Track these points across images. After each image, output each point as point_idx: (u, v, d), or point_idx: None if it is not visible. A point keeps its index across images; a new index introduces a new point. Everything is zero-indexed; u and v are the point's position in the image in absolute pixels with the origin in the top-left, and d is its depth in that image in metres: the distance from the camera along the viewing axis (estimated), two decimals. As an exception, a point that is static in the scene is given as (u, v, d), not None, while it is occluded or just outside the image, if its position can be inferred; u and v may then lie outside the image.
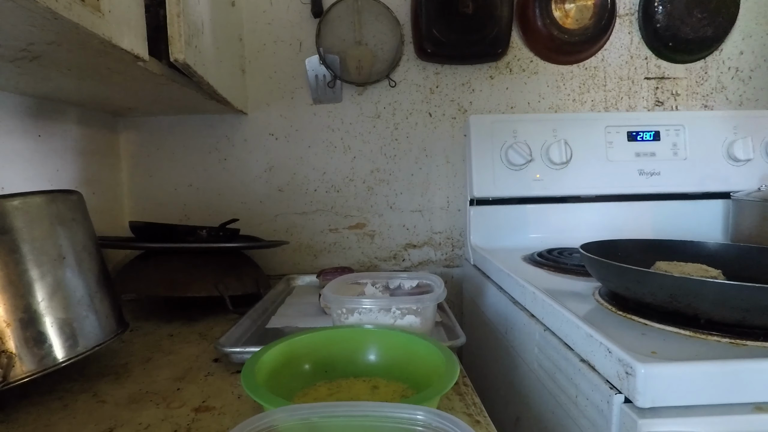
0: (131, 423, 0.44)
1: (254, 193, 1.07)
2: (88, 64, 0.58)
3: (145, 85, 0.72)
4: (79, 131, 0.89)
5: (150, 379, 0.54)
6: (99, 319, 0.52)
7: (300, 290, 0.92)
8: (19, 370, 0.44)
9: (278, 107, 1.06)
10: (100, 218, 0.93)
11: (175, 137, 1.05)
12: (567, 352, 0.51)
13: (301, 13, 1.03)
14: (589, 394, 0.46)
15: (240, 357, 0.57)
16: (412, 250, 1.10)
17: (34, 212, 0.48)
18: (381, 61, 1.04)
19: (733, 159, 0.96)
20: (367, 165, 1.07)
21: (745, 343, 0.44)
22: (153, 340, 0.67)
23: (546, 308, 0.58)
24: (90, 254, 0.53)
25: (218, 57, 0.80)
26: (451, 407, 0.46)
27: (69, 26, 0.44)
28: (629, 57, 1.08)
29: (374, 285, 0.64)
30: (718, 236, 0.97)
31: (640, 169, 0.97)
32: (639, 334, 0.47)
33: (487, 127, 0.97)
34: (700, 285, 0.45)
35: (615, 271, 0.53)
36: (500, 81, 1.07)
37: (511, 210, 0.97)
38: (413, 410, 0.30)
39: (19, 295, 0.45)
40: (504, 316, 0.73)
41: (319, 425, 0.31)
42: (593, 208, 0.98)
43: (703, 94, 1.10)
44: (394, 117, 1.07)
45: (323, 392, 0.46)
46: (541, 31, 1.00)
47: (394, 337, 0.50)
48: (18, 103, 0.74)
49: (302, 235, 1.08)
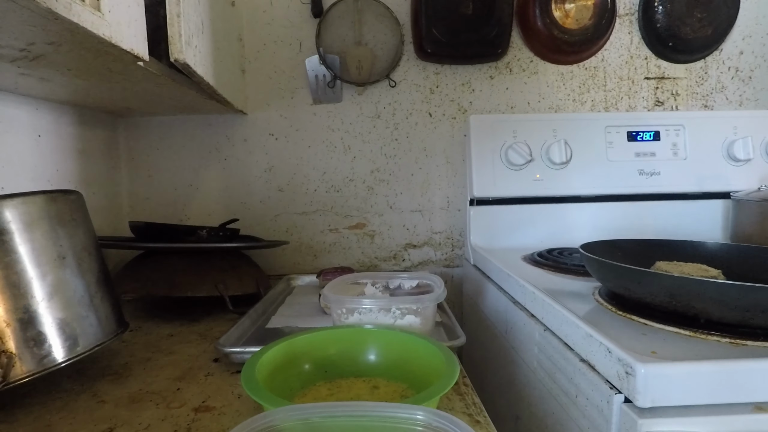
0: (131, 423, 0.44)
1: (254, 193, 1.07)
2: (88, 64, 0.58)
3: (145, 85, 0.72)
4: (79, 131, 0.89)
5: (150, 379, 0.54)
6: (99, 319, 0.52)
7: (300, 290, 0.92)
8: (19, 370, 0.44)
9: (278, 107, 1.06)
10: (100, 218, 0.93)
11: (175, 137, 1.05)
12: (567, 352, 0.51)
13: (301, 13, 1.03)
14: (589, 394, 0.46)
15: (240, 357, 0.57)
16: (412, 250, 1.10)
17: (34, 212, 0.48)
18: (381, 61, 1.04)
19: (733, 159, 0.96)
20: (367, 165, 1.07)
21: (745, 343, 0.44)
22: (153, 340, 0.67)
23: (546, 308, 0.58)
24: (90, 254, 0.53)
25: (218, 57, 0.80)
26: (451, 407, 0.46)
27: (69, 26, 0.44)
28: (629, 57, 1.08)
29: (374, 285, 0.64)
30: (718, 236, 0.97)
31: (640, 169, 0.97)
32: (639, 334, 0.47)
33: (487, 127, 0.97)
34: (700, 285, 0.45)
35: (615, 271, 0.53)
36: (500, 81, 1.07)
37: (511, 210, 0.97)
38: (413, 410, 0.30)
39: (19, 296, 0.45)
40: (504, 316, 0.73)
41: (319, 425, 0.31)
42: (593, 208, 0.98)
43: (703, 94, 1.10)
44: (394, 117, 1.07)
45: (323, 392, 0.46)
46: (541, 31, 1.00)
47: (394, 337, 0.50)
48: (18, 103, 0.74)
49: (302, 235, 1.08)
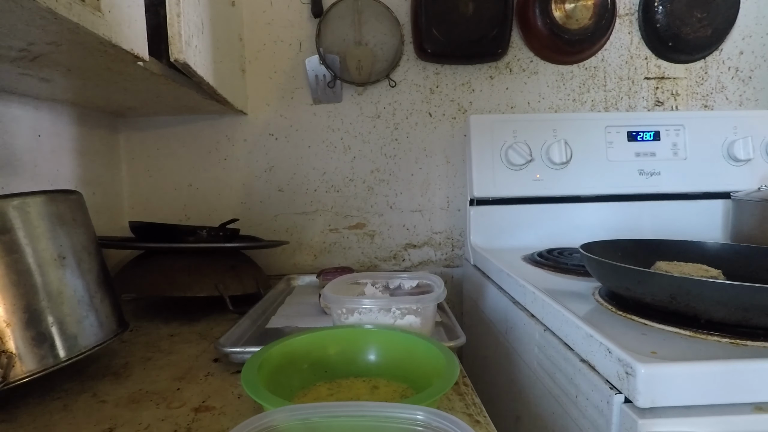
0: (131, 423, 0.44)
1: (254, 193, 1.07)
2: (88, 64, 0.58)
3: (145, 85, 0.72)
4: (79, 131, 0.89)
5: (150, 379, 0.54)
6: (99, 319, 0.52)
7: (300, 290, 0.92)
8: (19, 370, 0.44)
9: (278, 107, 1.06)
10: (100, 218, 0.93)
11: (175, 137, 1.05)
12: (567, 352, 0.51)
13: (301, 13, 1.03)
14: (589, 394, 0.46)
15: (240, 357, 0.57)
16: (412, 250, 1.10)
17: (34, 212, 0.48)
18: (381, 61, 1.04)
19: (733, 159, 0.96)
20: (367, 165, 1.07)
21: (745, 343, 0.44)
22: (153, 340, 0.67)
23: (546, 308, 0.58)
24: (90, 254, 0.53)
25: (218, 57, 0.80)
26: (451, 407, 0.46)
27: (69, 26, 0.44)
28: (629, 57, 1.08)
29: (374, 285, 0.64)
30: (718, 236, 0.97)
31: (640, 169, 0.97)
32: (639, 334, 0.47)
33: (487, 127, 0.97)
34: (700, 285, 0.45)
35: (615, 271, 0.53)
36: (500, 81, 1.07)
37: (511, 210, 0.97)
38: (413, 410, 0.30)
39: (19, 295, 0.45)
40: (504, 316, 0.73)
41: (319, 425, 0.31)
42: (593, 208, 0.97)
43: (703, 94, 1.10)
44: (394, 117, 1.07)
45: (323, 392, 0.46)
46: (541, 31, 1.00)
47: (394, 337, 0.50)
48: (18, 103, 0.74)
49: (302, 235, 1.08)
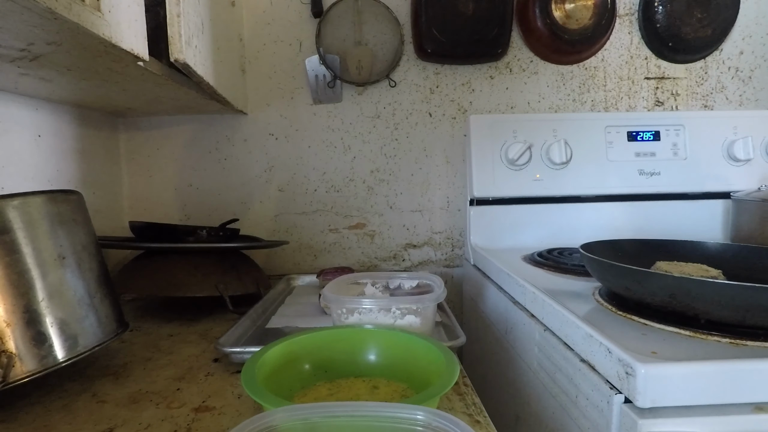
0: (131, 423, 0.44)
1: (254, 193, 1.07)
2: (88, 64, 0.58)
3: (145, 85, 0.72)
4: (79, 131, 0.89)
5: (150, 379, 0.54)
6: (99, 319, 0.52)
7: (300, 290, 0.92)
8: (19, 370, 0.44)
9: (278, 107, 1.06)
10: (100, 218, 0.93)
11: (175, 137, 1.05)
12: (567, 352, 0.51)
13: (301, 13, 1.03)
14: (589, 394, 0.46)
15: (240, 357, 0.57)
16: (412, 250, 1.10)
17: (34, 212, 0.48)
18: (381, 61, 1.03)
19: (733, 159, 0.96)
20: (367, 165, 1.07)
21: (745, 343, 0.44)
22: (153, 340, 0.67)
23: (546, 308, 0.58)
24: (90, 254, 0.53)
25: (218, 57, 0.80)
26: (451, 407, 0.46)
27: (69, 26, 0.44)
28: (629, 57, 1.08)
29: (374, 285, 0.64)
30: (718, 236, 0.97)
31: (640, 169, 0.97)
32: (639, 334, 0.47)
33: (487, 127, 0.97)
34: (700, 285, 0.45)
35: (615, 271, 0.53)
36: (500, 81, 1.07)
37: (511, 210, 0.97)
38: (413, 410, 0.30)
39: (19, 295, 0.45)
40: (504, 316, 0.73)
41: (319, 425, 0.31)
42: (593, 208, 0.97)
43: (703, 94, 1.10)
44: (394, 117, 1.07)
45: (323, 392, 0.46)
46: (541, 31, 1.00)
47: (394, 337, 0.50)
48: (18, 103, 0.74)
49: (302, 235, 1.08)
